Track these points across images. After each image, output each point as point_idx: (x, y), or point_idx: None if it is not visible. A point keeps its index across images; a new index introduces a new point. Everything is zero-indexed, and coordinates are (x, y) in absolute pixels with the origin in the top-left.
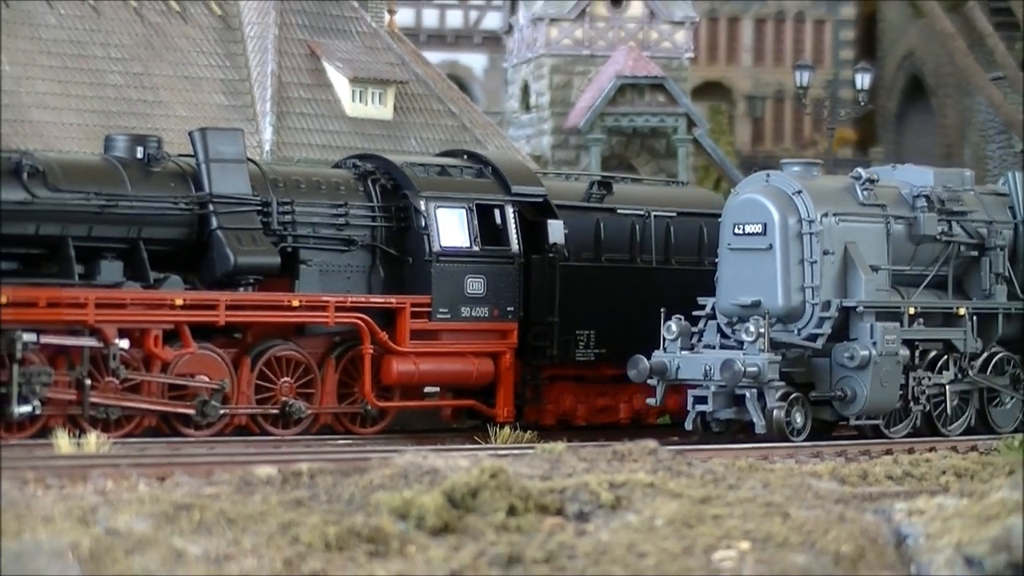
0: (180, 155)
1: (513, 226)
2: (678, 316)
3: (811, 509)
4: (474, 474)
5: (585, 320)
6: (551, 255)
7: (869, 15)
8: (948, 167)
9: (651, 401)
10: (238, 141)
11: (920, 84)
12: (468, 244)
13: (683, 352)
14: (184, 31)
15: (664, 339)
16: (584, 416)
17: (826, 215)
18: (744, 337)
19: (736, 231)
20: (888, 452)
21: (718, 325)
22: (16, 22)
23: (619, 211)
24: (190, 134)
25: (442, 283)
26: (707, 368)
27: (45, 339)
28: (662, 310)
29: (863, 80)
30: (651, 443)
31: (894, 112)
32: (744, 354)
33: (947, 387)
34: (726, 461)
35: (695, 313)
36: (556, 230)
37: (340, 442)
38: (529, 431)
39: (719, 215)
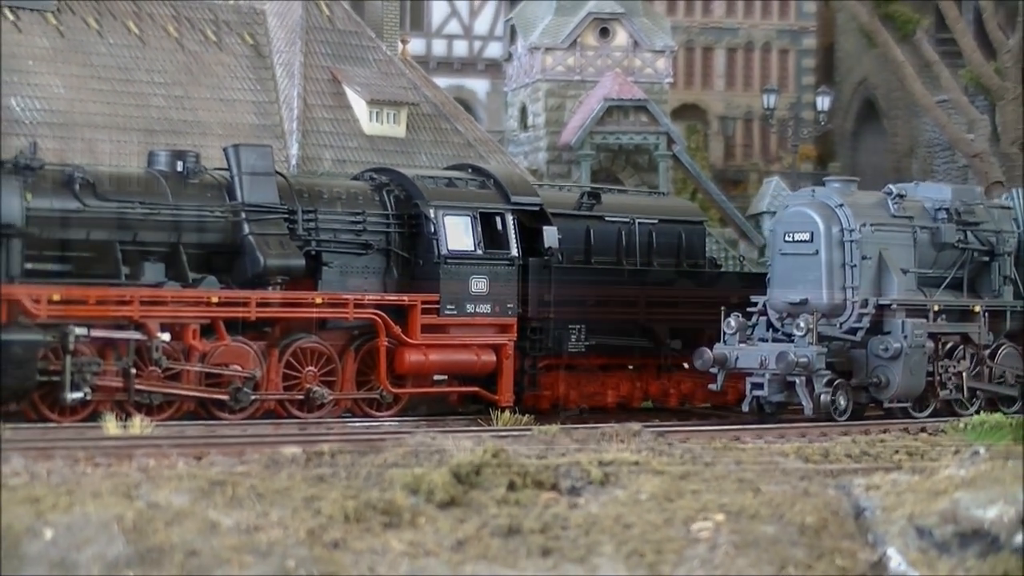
0: (216, 169)
1: (512, 232)
2: (736, 313)
3: (779, 484)
4: (478, 453)
5: (577, 316)
6: (546, 258)
7: (828, 45)
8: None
9: (713, 387)
10: (267, 156)
11: (873, 106)
12: (472, 248)
13: (741, 345)
14: (220, 59)
15: (724, 333)
16: (575, 401)
17: (864, 225)
18: (795, 332)
19: (787, 238)
20: (846, 433)
21: (768, 320)
22: (70, 50)
23: (607, 219)
24: (224, 150)
25: (449, 283)
26: (763, 358)
27: (95, 333)
28: (722, 308)
29: (823, 103)
30: (636, 426)
31: (850, 131)
32: (795, 346)
33: (964, 375)
34: (703, 441)
35: (749, 310)
36: (551, 235)
37: (358, 425)
38: (527, 415)
39: (696, 222)
